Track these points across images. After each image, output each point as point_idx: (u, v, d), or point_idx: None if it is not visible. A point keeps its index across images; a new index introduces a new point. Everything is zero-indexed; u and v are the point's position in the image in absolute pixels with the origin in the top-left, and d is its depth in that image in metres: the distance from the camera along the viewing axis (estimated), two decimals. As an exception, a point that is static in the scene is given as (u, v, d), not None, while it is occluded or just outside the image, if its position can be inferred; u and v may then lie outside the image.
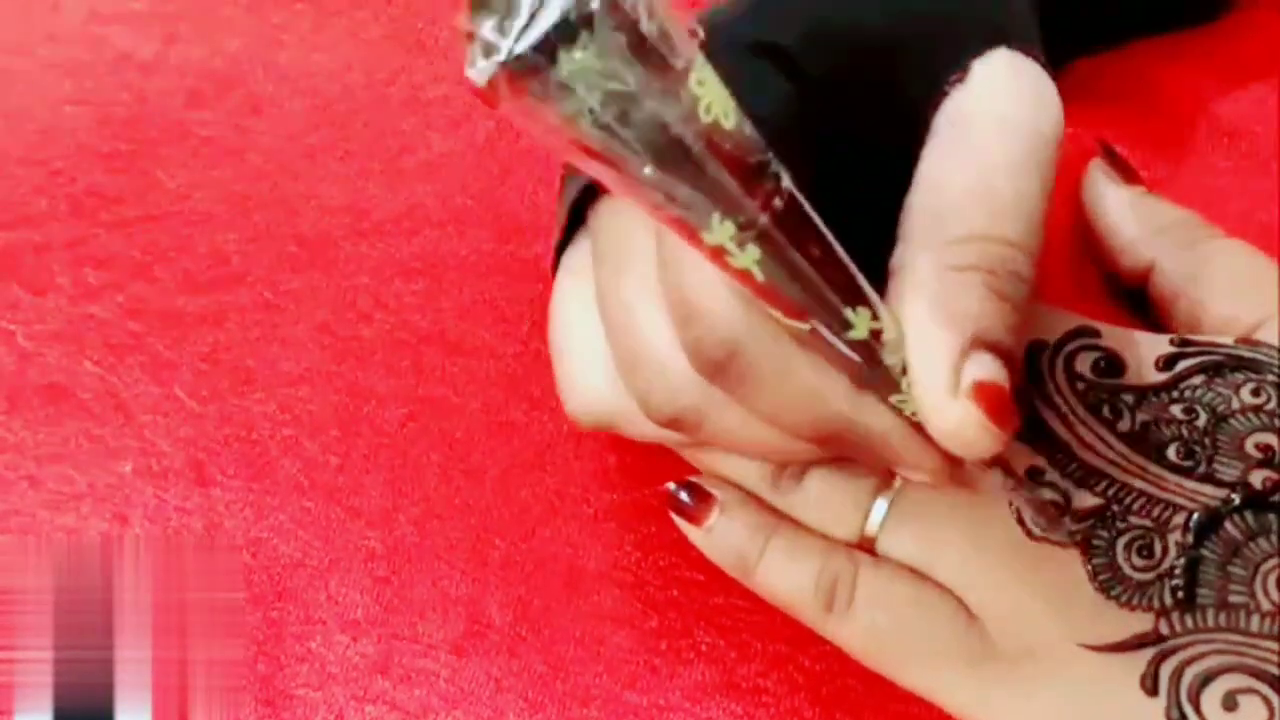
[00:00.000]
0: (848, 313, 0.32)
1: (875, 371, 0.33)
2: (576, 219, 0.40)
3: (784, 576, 0.38)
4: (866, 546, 0.38)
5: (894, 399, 0.34)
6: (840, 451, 0.36)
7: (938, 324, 0.33)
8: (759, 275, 0.30)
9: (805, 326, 0.32)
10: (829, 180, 0.34)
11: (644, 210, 0.28)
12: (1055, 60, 0.41)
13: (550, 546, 0.42)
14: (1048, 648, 0.36)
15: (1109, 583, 0.36)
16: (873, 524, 0.38)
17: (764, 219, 0.29)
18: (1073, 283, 0.45)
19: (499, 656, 0.40)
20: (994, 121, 0.37)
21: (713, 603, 0.41)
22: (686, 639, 0.40)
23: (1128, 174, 0.45)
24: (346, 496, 0.43)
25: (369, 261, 0.48)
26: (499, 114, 0.25)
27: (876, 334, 0.32)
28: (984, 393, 0.32)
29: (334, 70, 0.53)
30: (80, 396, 0.46)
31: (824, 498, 0.38)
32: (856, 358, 0.33)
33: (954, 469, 0.35)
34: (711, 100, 0.27)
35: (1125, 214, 0.44)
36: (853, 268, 0.32)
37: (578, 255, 0.39)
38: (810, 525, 0.39)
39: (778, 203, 0.29)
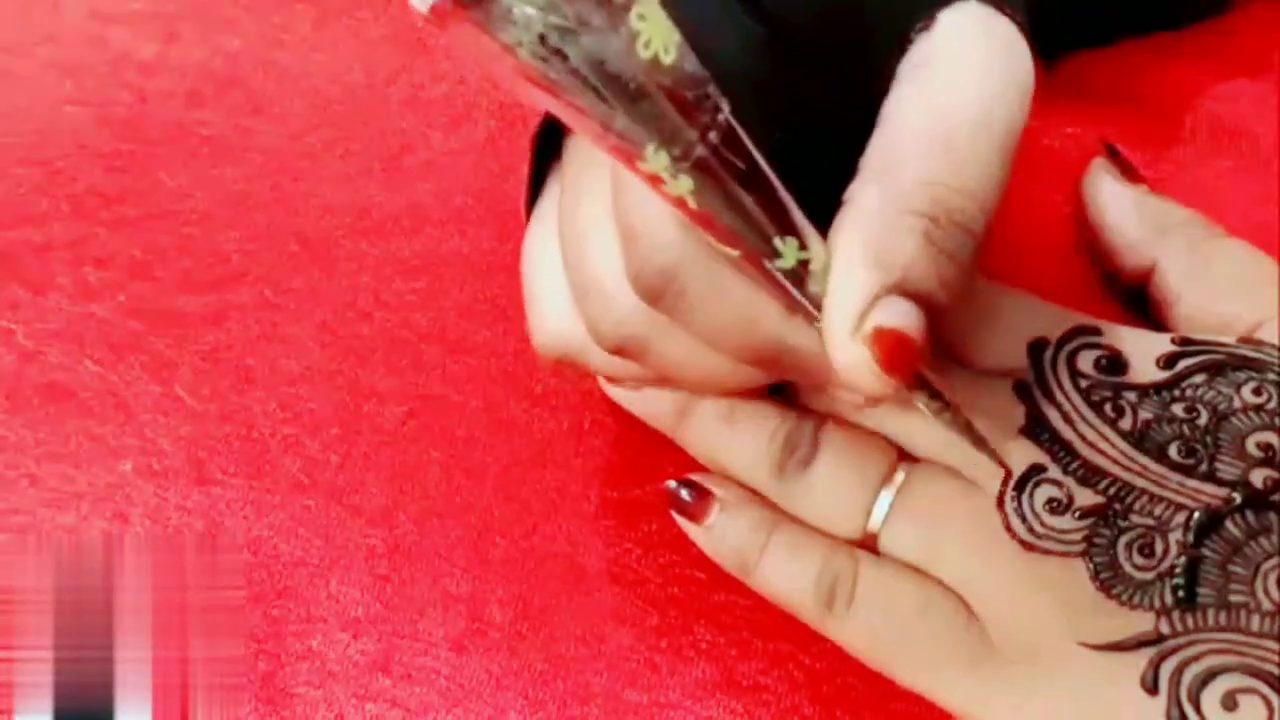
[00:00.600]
0: (777, 242, 0.33)
1: (803, 299, 0.34)
2: (545, 160, 0.40)
3: (784, 575, 0.38)
4: (869, 543, 0.38)
5: (817, 325, 0.34)
6: (778, 374, 0.37)
7: (862, 263, 0.33)
8: (692, 203, 0.31)
9: (735, 253, 0.33)
10: (795, 125, 0.35)
11: (586, 137, 0.29)
12: (1053, 54, 0.41)
13: (551, 544, 0.42)
14: (1048, 646, 0.36)
15: (1110, 581, 0.36)
16: (875, 520, 0.38)
17: (699, 151, 0.30)
18: (1073, 282, 0.45)
19: (499, 654, 0.40)
20: (957, 68, 0.36)
21: (713, 600, 0.41)
22: (687, 637, 0.40)
23: (1130, 173, 0.45)
24: (347, 495, 0.43)
25: (369, 260, 0.48)
26: (448, 39, 0.27)
27: (804, 264, 0.33)
28: (883, 339, 0.33)
29: (334, 70, 0.53)
30: (81, 395, 0.46)
31: (826, 493, 0.39)
32: (784, 284, 0.33)
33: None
34: (651, 35, 0.28)
35: (1127, 213, 0.44)
36: (787, 199, 0.33)
37: (549, 199, 0.40)
38: (812, 522, 0.39)
39: (713, 136, 0.30)
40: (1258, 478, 0.36)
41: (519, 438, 0.44)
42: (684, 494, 0.39)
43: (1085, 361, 0.38)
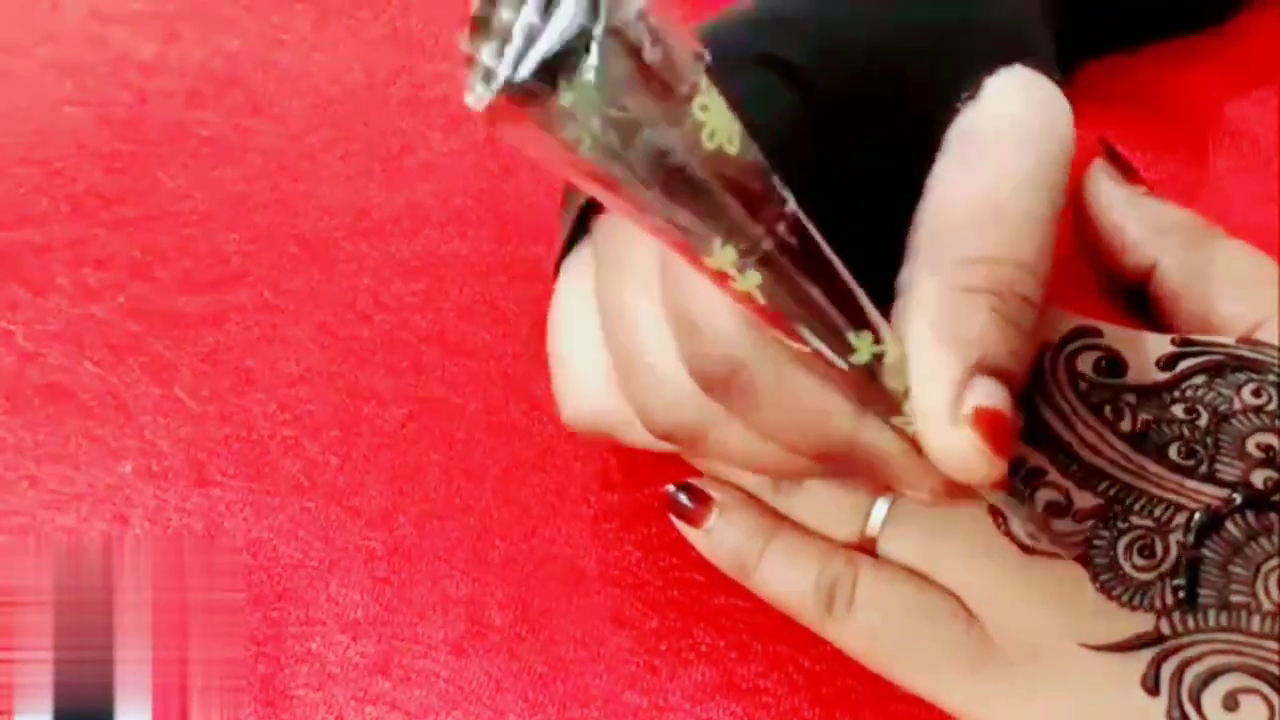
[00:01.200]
0: (850, 336, 0.32)
1: (877, 394, 0.33)
2: (580, 226, 0.39)
3: (783, 579, 0.38)
4: (868, 547, 0.38)
5: (895, 420, 0.34)
6: (840, 470, 0.36)
7: (941, 347, 0.33)
8: (760, 299, 0.30)
9: (807, 349, 0.32)
10: (837, 195, 0.34)
11: (649, 232, 0.28)
12: (1065, 65, 0.41)
13: (550, 547, 0.42)
14: (1048, 648, 0.36)
15: (1110, 582, 0.35)
16: (874, 525, 0.38)
17: (766, 244, 0.29)
18: (1073, 283, 0.45)
19: (499, 657, 0.40)
20: (1005, 139, 0.36)
21: (713, 603, 0.41)
22: (686, 639, 0.40)
23: (1130, 174, 0.45)
24: (346, 497, 0.43)
25: (369, 261, 0.48)
26: (504, 136, 0.25)
27: (879, 357, 0.32)
28: (984, 420, 0.32)
29: (334, 70, 0.53)
30: (80, 396, 0.46)
31: (825, 498, 0.38)
32: (858, 381, 0.33)
33: (953, 488, 0.35)
34: (716, 127, 0.27)
35: (1127, 214, 0.44)
36: (857, 290, 0.32)
37: (579, 261, 0.39)
38: (811, 526, 0.39)
39: (781, 228, 0.29)
40: (1258, 478, 0.36)
41: (519, 440, 0.44)
42: (683, 498, 0.39)
43: (1085, 363, 0.38)
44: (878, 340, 0.32)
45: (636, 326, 0.35)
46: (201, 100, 0.52)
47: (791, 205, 0.29)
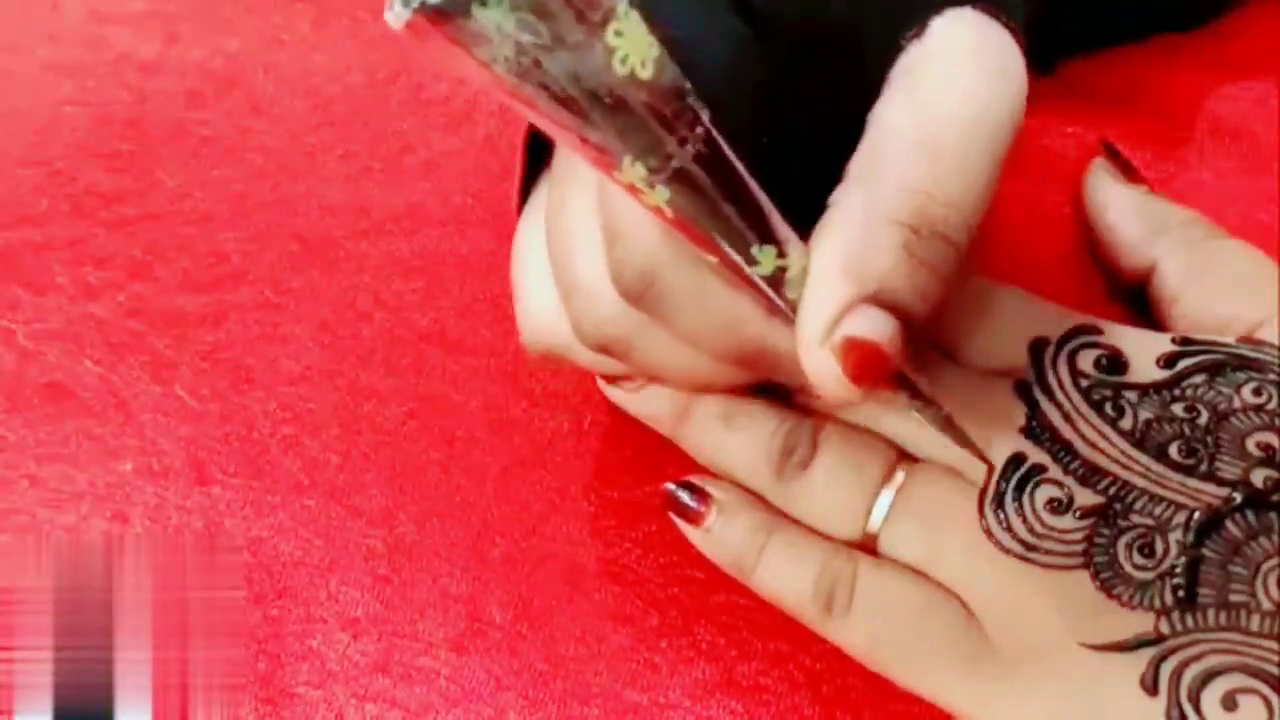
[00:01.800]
0: (755, 250, 0.33)
1: (779, 305, 0.34)
2: (537, 159, 0.40)
3: (783, 578, 0.38)
4: (868, 544, 0.38)
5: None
6: (759, 374, 0.37)
7: (838, 273, 0.33)
8: (669, 213, 0.31)
9: (713, 259, 0.33)
10: (783, 126, 0.35)
11: (565, 147, 0.30)
12: (1055, 57, 0.41)
13: (550, 544, 0.42)
14: (1048, 647, 0.36)
15: (1110, 581, 0.35)
16: (874, 522, 0.38)
17: (675, 162, 0.30)
18: (1074, 282, 0.45)
19: (499, 654, 0.40)
20: (950, 76, 0.36)
21: (713, 601, 0.41)
22: (687, 637, 0.40)
23: (1130, 173, 0.45)
24: (347, 495, 0.43)
25: (369, 260, 0.48)
26: (425, 54, 0.26)
27: (782, 270, 0.33)
28: (851, 350, 0.33)
29: (334, 70, 0.53)
30: (80, 395, 0.46)
31: (825, 495, 0.38)
32: (766, 289, 0.34)
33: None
34: (629, 50, 0.28)
35: (1127, 213, 0.44)
36: (767, 206, 0.33)
37: (539, 196, 0.40)
38: (811, 524, 0.39)
39: (690, 147, 0.30)
40: (1258, 477, 0.36)
41: (519, 438, 0.44)
42: (683, 496, 0.39)
43: (1085, 361, 0.38)
44: (782, 255, 0.33)
45: (572, 240, 0.36)
46: (201, 100, 0.53)
47: (704, 125, 0.30)
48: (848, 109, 0.36)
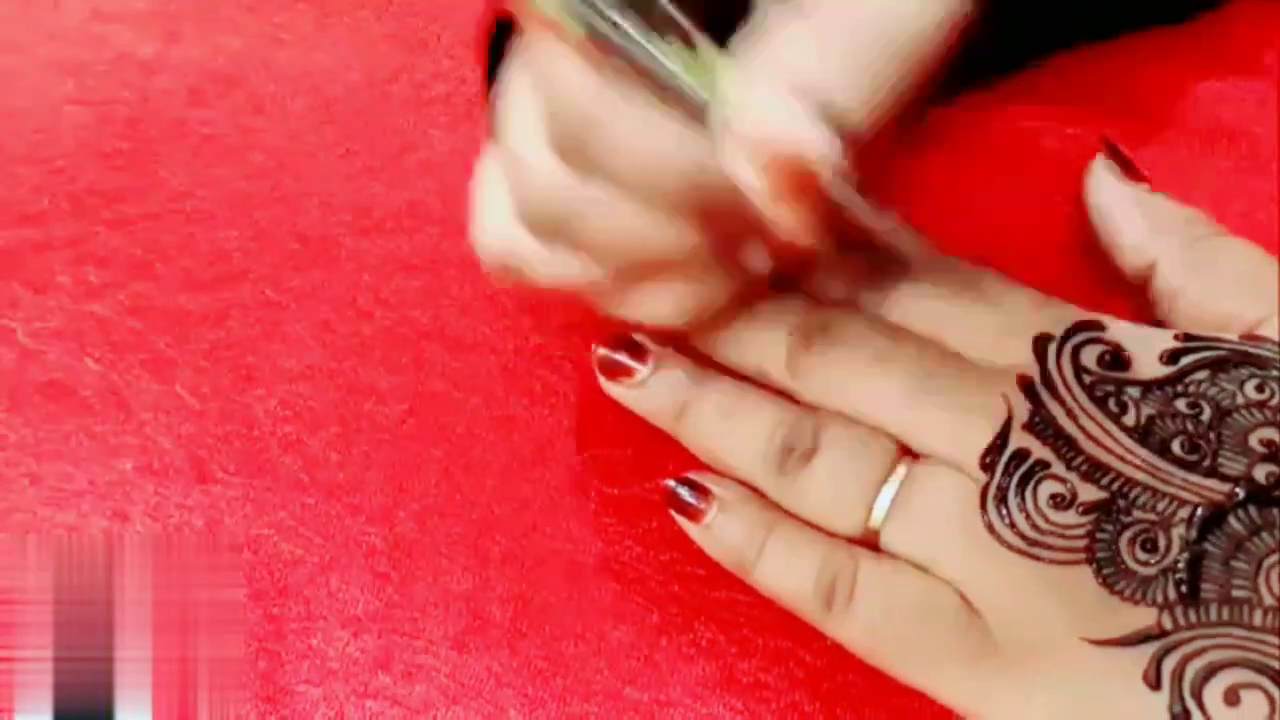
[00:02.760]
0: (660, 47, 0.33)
1: (683, 100, 0.33)
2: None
3: (783, 573, 0.38)
4: (870, 540, 0.38)
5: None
6: (710, 223, 0.36)
7: (777, 80, 0.33)
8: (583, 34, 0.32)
9: (637, 80, 0.33)
10: None
11: None
12: (1050, 50, 0.40)
13: (551, 542, 0.42)
14: (1050, 642, 0.36)
15: (1112, 576, 0.35)
16: (876, 518, 0.38)
17: None
18: (1074, 281, 0.45)
19: (500, 652, 0.40)
20: None
21: (713, 598, 0.41)
22: (687, 634, 0.40)
23: (1131, 172, 0.45)
24: (347, 493, 0.43)
25: (370, 259, 0.48)
26: None
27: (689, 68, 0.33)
28: (779, 169, 0.32)
29: (335, 69, 0.53)
30: (81, 394, 0.46)
31: (827, 490, 0.38)
32: (691, 98, 0.33)
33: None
34: None
35: (1129, 212, 0.44)
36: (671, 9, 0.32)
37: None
38: (812, 519, 0.39)
39: None
40: (1261, 473, 0.36)
41: (519, 435, 0.44)
42: (683, 492, 0.39)
43: (1089, 357, 0.38)
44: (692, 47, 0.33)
45: (510, 117, 0.36)
46: (203, 99, 0.53)
47: None
48: None
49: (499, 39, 0.40)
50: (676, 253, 0.37)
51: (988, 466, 0.37)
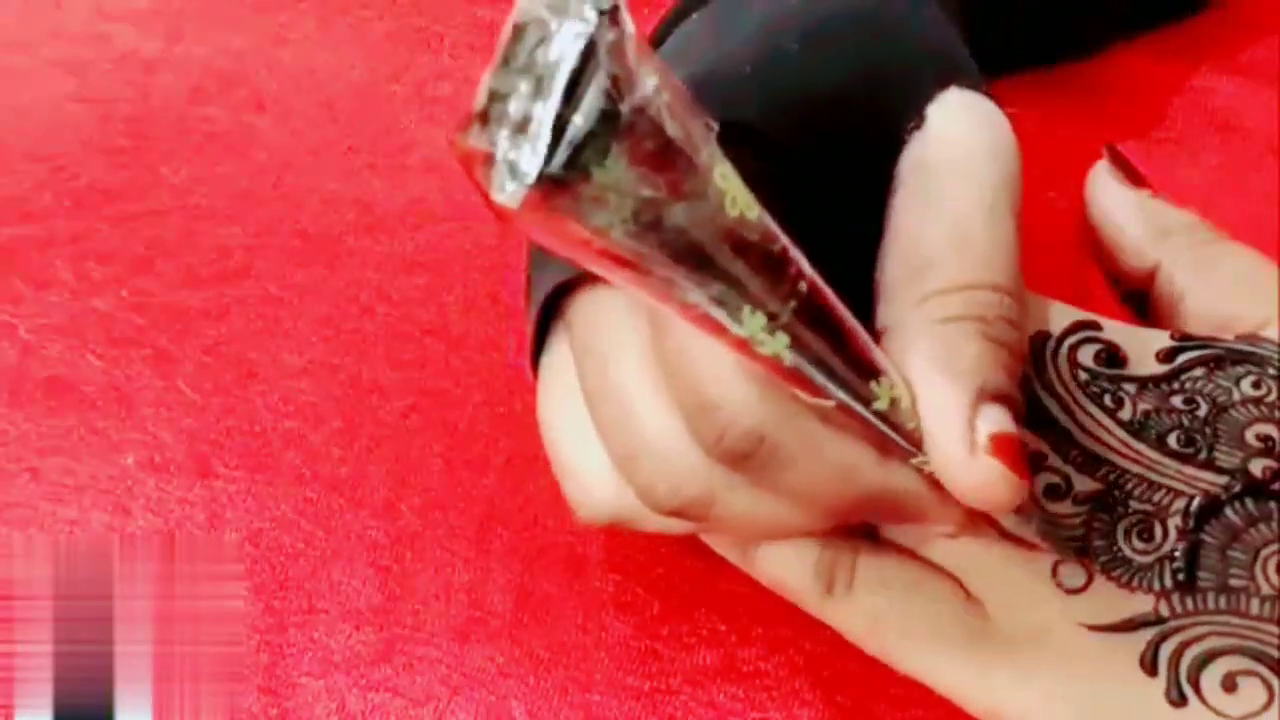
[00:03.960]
0: (871, 385, 0.32)
1: (897, 438, 0.33)
2: (548, 317, 0.39)
3: (782, 562, 0.38)
4: (869, 530, 0.38)
5: (915, 461, 0.34)
6: (864, 518, 0.37)
7: (943, 380, 0.33)
8: (787, 360, 0.30)
9: (830, 403, 0.32)
10: (805, 246, 0.34)
11: (672, 309, 0.28)
12: (1052, 55, 0.41)
13: (552, 534, 0.42)
14: (1047, 628, 0.36)
15: (1109, 564, 0.36)
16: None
17: (792, 304, 0.29)
18: (1073, 282, 0.46)
19: (501, 643, 0.40)
20: (958, 167, 0.37)
21: (714, 588, 0.41)
22: (687, 624, 0.40)
23: (1133, 176, 0.45)
24: (349, 488, 0.44)
25: (372, 256, 0.48)
26: (524, 228, 0.25)
27: (895, 401, 0.33)
28: (1001, 445, 0.33)
29: (338, 67, 0.54)
30: (82, 389, 0.46)
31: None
32: (882, 427, 0.33)
33: (975, 518, 0.35)
34: (735, 194, 0.27)
35: (1130, 216, 0.44)
36: (867, 338, 0.32)
37: (558, 355, 0.39)
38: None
39: (802, 287, 0.29)
40: (1257, 467, 0.36)
41: (520, 431, 0.44)
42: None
43: (1085, 355, 0.38)
44: (893, 386, 0.33)
45: (629, 408, 0.35)
46: (205, 97, 0.53)
47: (807, 265, 0.29)
48: (859, 214, 0.37)
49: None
50: (801, 534, 0.37)
51: None
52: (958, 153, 0.37)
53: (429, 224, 0.49)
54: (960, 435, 0.33)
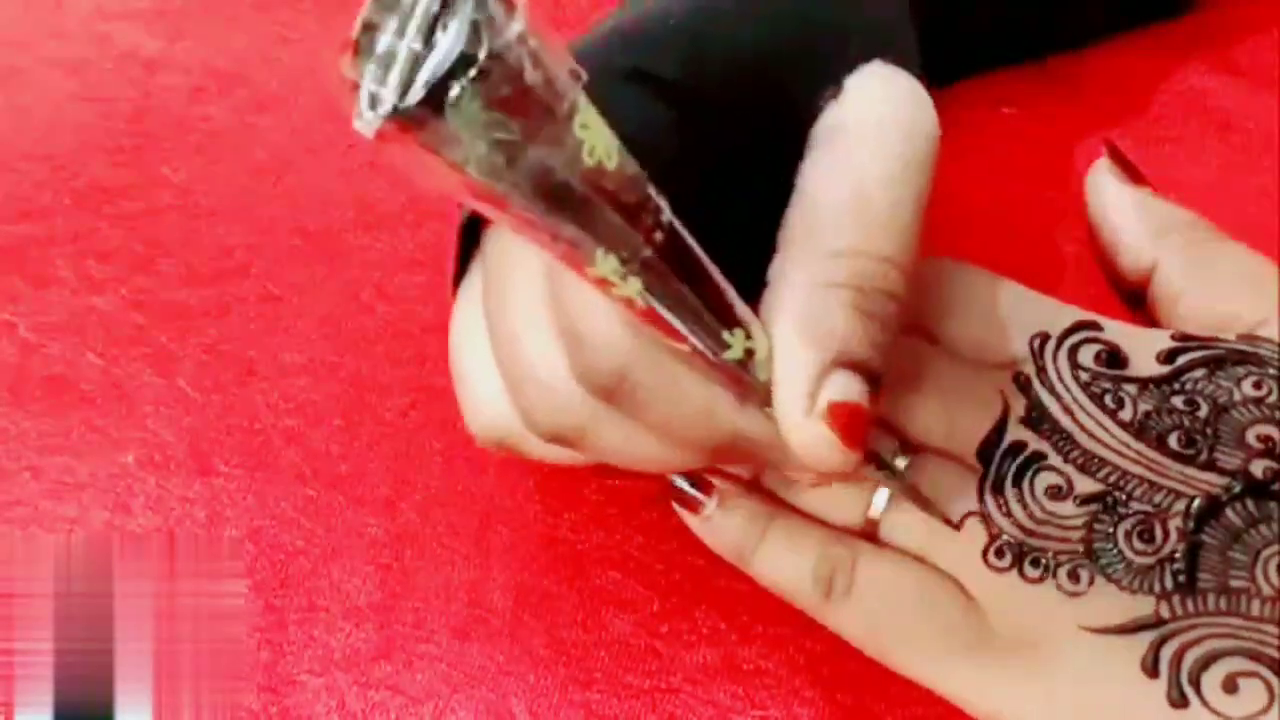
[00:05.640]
0: (724, 334, 0.33)
1: (751, 387, 0.34)
2: (470, 244, 0.40)
3: (781, 565, 0.38)
4: (870, 531, 0.38)
5: (769, 410, 0.34)
6: (726, 460, 0.37)
7: (801, 342, 0.34)
8: (640, 303, 0.31)
9: (685, 348, 0.33)
10: (712, 200, 0.35)
11: (534, 244, 0.30)
12: (1044, 49, 0.41)
13: (552, 532, 0.42)
14: (1048, 631, 0.36)
15: (1110, 566, 0.36)
16: (876, 509, 0.38)
17: (645, 252, 0.30)
18: (1073, 280, 0.46)
19: (501, 641, 0.40)
20: (867, 134, 0.37)
21: (714, 586, 0.41)
22: (688, 622, 0.40)
23: (1133, 174, 0.45)
24: (349, 485, 0.44)
25: (372, 254, 0.48)
26: (388, 158, 0.26)
27: (750, 353, 0.33)
28: (837, 414, 0.33)
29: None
30: (83, 388, 0.46)
31: (827, 483, 0.39)
32: (737, 373, 0.34)
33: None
34: (595, 143, 0.28)
35: (1130, 215, 0.44)
36: (729, 289, 0.33)
37: (472, 286, 0.40)
38: (814, 511, 0.39)
39: (658, 236, 0.30)
40: (1257, 468, 0.36)
41: (520, 429, 0.44)
42: (683, 485, 0.39)
43: (1086, 356, 0.39)
44: (749, 336, 0.33)
45: (519, 337, 0.36)
46: (205, 96, 0.53)
47: (667, 213, 0.31)
48: (771, 172, 0.37)
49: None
50: (674, 470, 0.39)
51: (984, 458, 0.38)
52: (869, 123, 0.37)
53: (429, 222, 0.49)
54: (800, 396, 0.33)
